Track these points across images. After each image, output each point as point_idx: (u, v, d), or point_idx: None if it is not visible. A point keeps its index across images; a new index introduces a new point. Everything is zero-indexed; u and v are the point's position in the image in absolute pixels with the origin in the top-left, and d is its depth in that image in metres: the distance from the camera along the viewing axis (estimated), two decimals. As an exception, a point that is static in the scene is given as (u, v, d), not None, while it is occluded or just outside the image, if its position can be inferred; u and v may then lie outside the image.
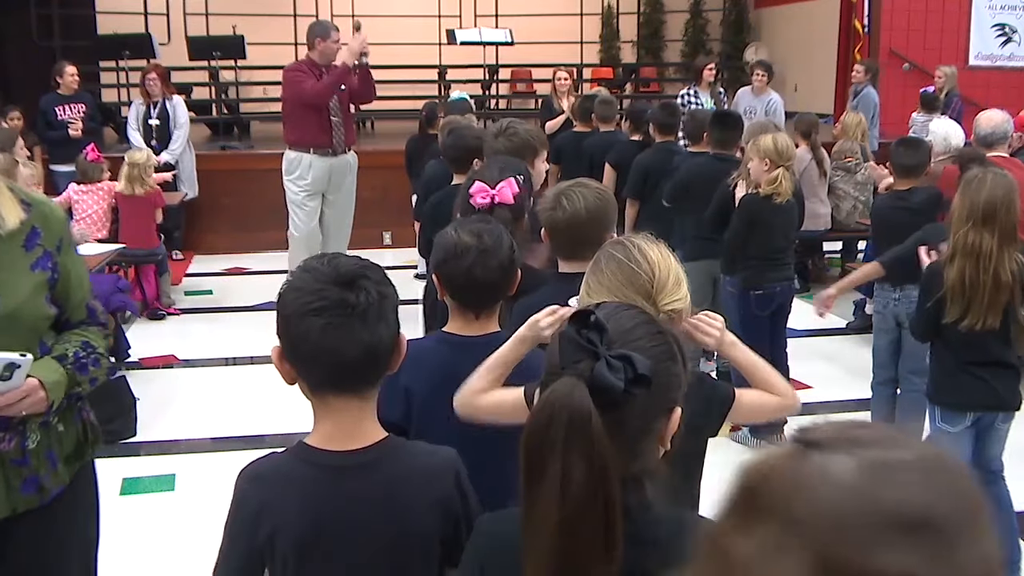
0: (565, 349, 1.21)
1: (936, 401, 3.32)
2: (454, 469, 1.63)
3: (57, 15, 11.21)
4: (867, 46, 10.43)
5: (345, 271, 1.52)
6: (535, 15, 12.09)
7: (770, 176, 4.30)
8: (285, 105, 6.56)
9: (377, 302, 1.52)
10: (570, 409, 1.14)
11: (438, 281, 2.15)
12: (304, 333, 1.50)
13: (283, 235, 8.94)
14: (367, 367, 1.55)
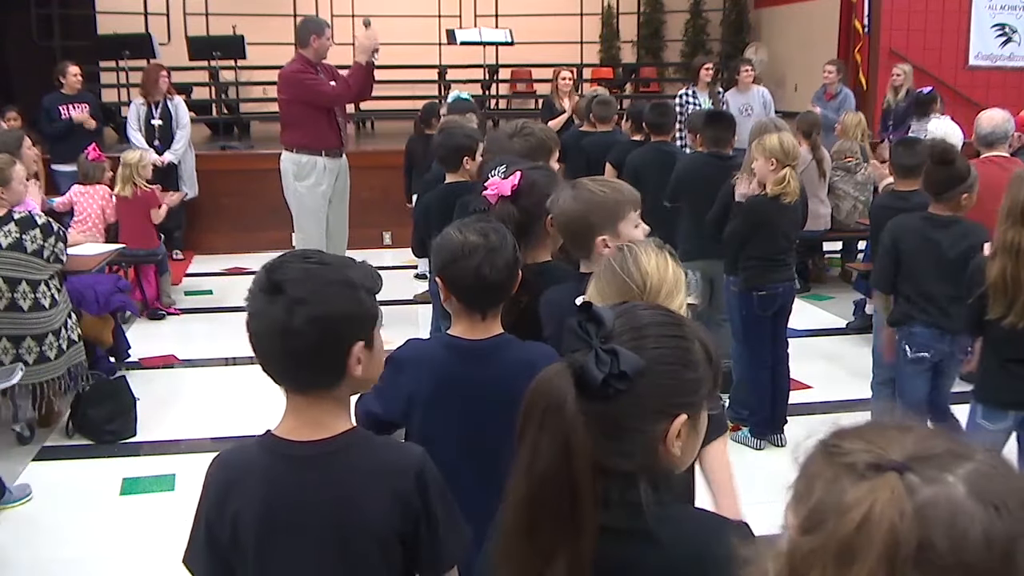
0: (568, 338, 1.25)
1: (979, 398, 3.31)
2: (417, 467, 1.60)
3: (57, 15, 11.21)
4: (867, 46, 10.43)
5: (271, 280, 1.52)
6: (535, 15, 12.09)
7: (777, 176, 4.29)
8: (291, 107, 6.25)
9: (283, 317, 1.50)
10: (549, 391, 1.20)
11: (442, 284, 2.12)
12: (251, 334, 1.55)
13: (283, 235, 8.94)
14: (298, 375, 1.57)
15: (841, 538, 0.77)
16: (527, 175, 2.59)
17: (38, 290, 4.50)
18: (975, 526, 0.75)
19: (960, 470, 0.77)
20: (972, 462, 0.79)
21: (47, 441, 4.75)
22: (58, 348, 4.55)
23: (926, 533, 0.75)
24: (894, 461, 0.78)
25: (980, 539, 0.75)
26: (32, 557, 3.67)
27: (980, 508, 0.76)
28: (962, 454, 0.80)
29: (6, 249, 4.44)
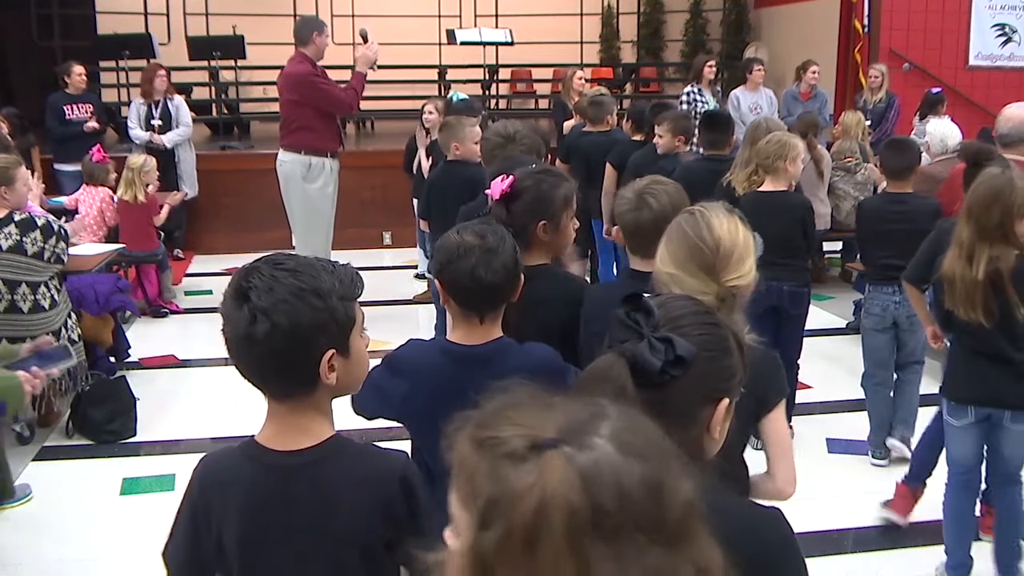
0: (613, 329, 1.25)
1: (943, 393, 3.33)
2: (400, 473, 1.58)
3: (57, 15, 11.21)
4: (867, 46, 10.43)
5: (240, 286, 1.52)
6: (535, 15, 12.08)
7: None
8: (299, 109, 6.10)
9: (247, 325, 1.50)
10: (608, 382, 1.19)
11: (440, 286, 2.11)
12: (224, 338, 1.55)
13: (283, 235, 8.94)
14: (269, 382, 1.56)
15: (522, 525, 0.78)
16: (519, 180, 2.58)
17: (38, 292, 4.50)
18: (632, 479, 0.79)
19: (604, 431, 0.81)
20: (610, 420, 0.83)
21: (47, 441, 4.75)
22: None
23: (596, 499, 0.78)
24: (549, 438, 0.80)
25: (640, 490, 0.79)
26: (32, 557, 3.68)
27: (631, 462, 0.80)
28: (600, 414, 0.84)
29: (6, 252, 4.43)
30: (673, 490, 0.82)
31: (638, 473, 0.80)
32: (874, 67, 9.02)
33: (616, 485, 0.79)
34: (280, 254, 1.59)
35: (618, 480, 0.79)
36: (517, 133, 3.57)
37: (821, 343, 5.99)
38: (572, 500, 0.78)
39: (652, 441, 0.84)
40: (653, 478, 0.81)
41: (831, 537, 3.70)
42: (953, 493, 3.38)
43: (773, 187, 4.42)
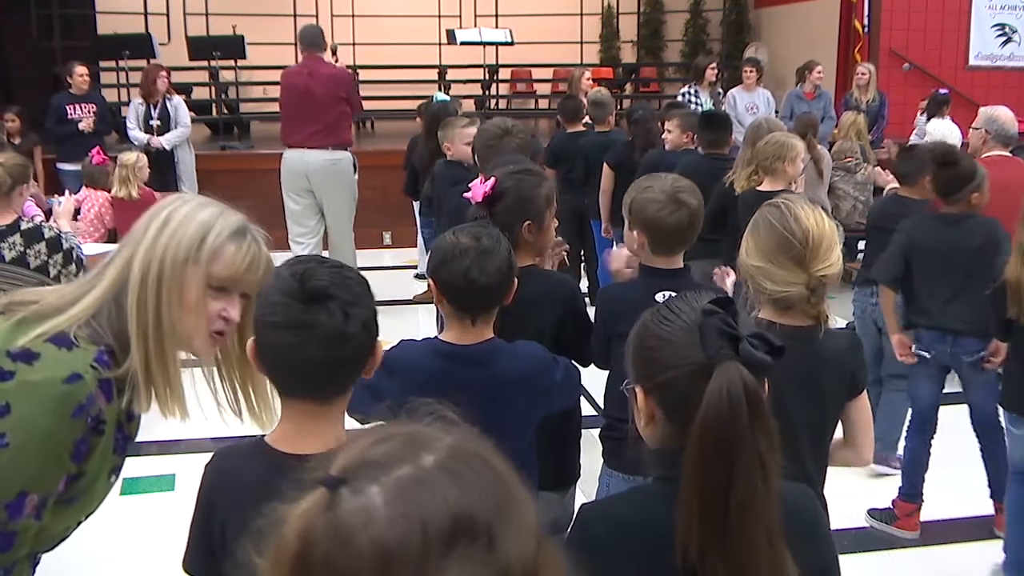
0: (709, 338, 1.25)
1: (1005, 405, 3.31)
2: None
3: (57, 15, 11.21)
4: (867, 46, 10.43)
5: (312, 287, 1.46)
6: (535, 15, 12.09)
7: None
8: (342, 106, 6.40)
9: (341, 323, 1.46)
10: (747, 391, 1.21)
11: (435, 286, 2.11)
12: (266, 343, 1.49)
13: (282, 235, 8.93)
14: (327, 381, 1.53)
15: (271, 558, 0.75)
16: (502, 180, 2.57)
17: None
18: (376, 533, 0.70)
19: (388, 478, 0.73)
20: (409, 466, 0.74)
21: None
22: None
23: (330, 548, 0.71)
24: (330, 476, 0.75)
25: (367, 550, 0.70)
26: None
27: (389, 517, 0.71)
28: (403, 458, 0.75)
29: (9, 263, 4.39)
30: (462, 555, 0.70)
31: (383, 533, 0.70)
32: (861, 65, 9.00)
33: (350, 539, 0.70)
34: (310, 256, 1.59)
35: (360, 533, 0.70)
36: (514, 127, 3.57)
37: (821, 343, 5.99)
38: (306, 543, 0.72)
39: (437, 507, 0.72)
40: (394, 543, 0.70)
41: (831, 537, 3.70)
42: (1016, 490, 3.37)
43: (772, 187, 4.43)
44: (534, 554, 0.74)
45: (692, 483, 1.22)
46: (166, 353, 1.58)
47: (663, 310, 1.34)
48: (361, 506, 0.72)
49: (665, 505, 1.27)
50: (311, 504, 0.74)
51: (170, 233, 1.59)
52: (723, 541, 1.21)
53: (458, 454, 0.76)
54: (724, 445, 1.20)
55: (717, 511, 1.21)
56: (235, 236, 1.64)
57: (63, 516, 1.64)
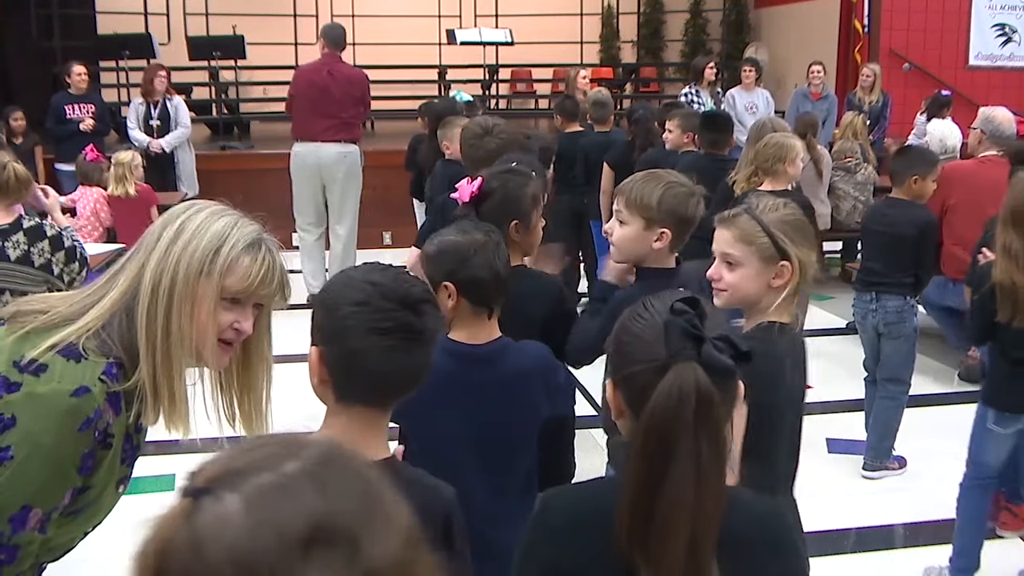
0: (672, 336, 1.26)
1: (991, 403, 3.29)
2: (445, 511, 1.55)
3: (57, 15, 11.21)
4: (867, 46, 10.43)
5: (413, 294, 1.49)
6: (535, 15, 12.09)
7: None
8: (359, 106, 6.98)
9: (435, 328, 1.51)
10: (698, 392, 1.22)
11: (454, 287, 2.08)
12: (364, 349, 1.46)
13: (283, 235, 8.87)
14: (411, 386, 1.54)
15: (133, 571, 0.74)
16: (489, 180, 2.58)
17: None
18: (229, 540, 0.70)
19: (248, 485, 0.72)
20: (271, 474, 0.73)
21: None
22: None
23: (186, 559, 0.71)
24: (195, 486, 0.75)
25: (221, 558, 0.70)
26: (32, 557, 3.68)
27: (244, 524, 0.70)
28: (266, 466, 0.74)
29: (14, 263, 4.38)
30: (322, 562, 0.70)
31: (238, 539, 0.70)
32: (866, 67, 9.01)
33: (206, 547, 0.70)
34: (376, 265, 1.56)
35: (216, 541, 0.70)
36: (495, 127, 3.57)
37: (821, 343, 5.99)
38: (165, 553, 0.72)
39: (297, 514, 0.71)
40: (249, 551, 0.70)
41: (831, 537, 3.70)
42: (975, 496, 3.37)
43: (772, 188, 4.43)
44: (403, 557, 0.74)
45: (629, 473, 1.25)
46: (173, 366, 1.56)
47: (640, 307, 1.35)
48: (219, 515, 0.71)
49: (616, 492, 1.30)
50: (172, 515, 0.74)
51: (183, 243, 1.56)
52: (646, 536, 1.23)
53: (324, 461, 0.76)
54: (663, 441, 1.22)
55: (645, 504, 1.23)
56: (250, 248, 1.62)
57: (69, 528, 1.65)
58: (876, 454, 4.31)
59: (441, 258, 2.12)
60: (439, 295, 2.12)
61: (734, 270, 2.08)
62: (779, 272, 2.03)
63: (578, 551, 1.33)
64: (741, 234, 2.06)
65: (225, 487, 0.73)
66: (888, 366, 4.25)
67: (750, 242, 2.05)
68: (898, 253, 4.12)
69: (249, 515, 0.71)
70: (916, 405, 4.53)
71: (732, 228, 2.08)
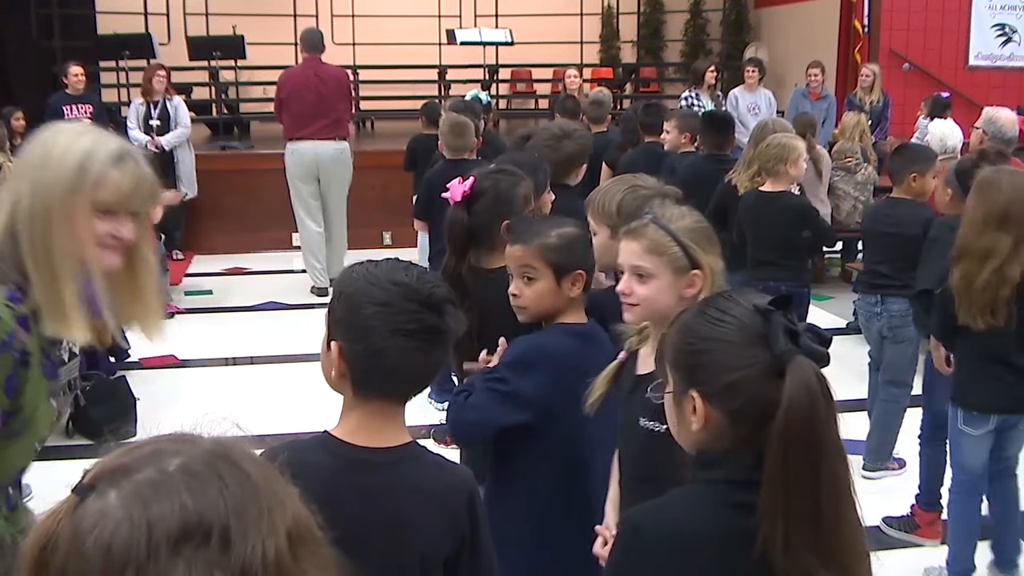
0: (777, 335, 1.27)
1: (960, 404, 3.28)
2: (468, 490, 1.60)
3: (57, 15, 11.20)
4: (867, 46, 10.43)
5: (436, 295, 1.52)
6: (535, 15, 12.08)
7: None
8: (346, 103, 7.49)
9: (456, 328, 1.54)
10: (821, 384, 1.25)
11: (585, 276, 2.24)
12: (386, 349, 1.49)
13: (283, 235, 8.94)
14: (428, 382, 1.59)
15: (19, 564, 0.77)
16: (480, 180, 2.59)
17: None
18: (102, 535, 0.73)
19: (128, 482, 0.75)
20: (152, 471, 0.76)
21: (47, 441, 4.74)
22: (58, 359, 4.50)
23: (65, 551, 0.74)
24: (82, 483, 0.77)
25: (94, 551, 0.72)
26: (32, 557, 3.68)
27: (117, 519, 0.73)
28: (149, 463, 0.77)
29: None
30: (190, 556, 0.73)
31: (111, 533, 0.72)
32: (866, 67, 9.01)
33: (84, 537, 0.73)
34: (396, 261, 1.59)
35: (92, 534, 0.73)
36: (575, 132, 3.65)
37: (821, 343, 5.99)
38: (53, 542, 0.75)
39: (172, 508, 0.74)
40: (123, 544, 0.72)
41: (831, 537, 3.69)
42: (963, 499, 3.36)
43: (774, 188, 4.43)
44: (281, 554, 0.76)
45: (777, 480, 1.23)
46: (61, 279, 1.63)
47: (709, 311, 1.34)
48: (97, 509, 0.74)
49: (714, 506, 1.30)
50: (58, 510, 0.76)
51: (53, 166, 1.64)
52: (815, 532, 1.23)
53: (208, 459, 0.78)
54: (810, 439, 1.23)
55: (807, 503, 1.23)
56: (116, 161, 1.67)
57: (16, 449, 1.73)
58: (876, 456, 4.31)
59: (572, 247, 2.23)
60: (564, 284, 2.21)
61: (646, 283, 1.93)
62: (691, 281, 1.92)
63: (676, 569, 1.32)
64: (651, 245, 1.93)
65: (108, 483, 0.76)
66: (890, 369, 4.25)
67: (661, 253, 1.93)
68: (903, 254, 4.10)
69: (124, 511, 0.73)
70: (916, 405, 4.52)
71: (641, 239, 1.95)
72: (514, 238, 2.29)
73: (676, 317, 1.41)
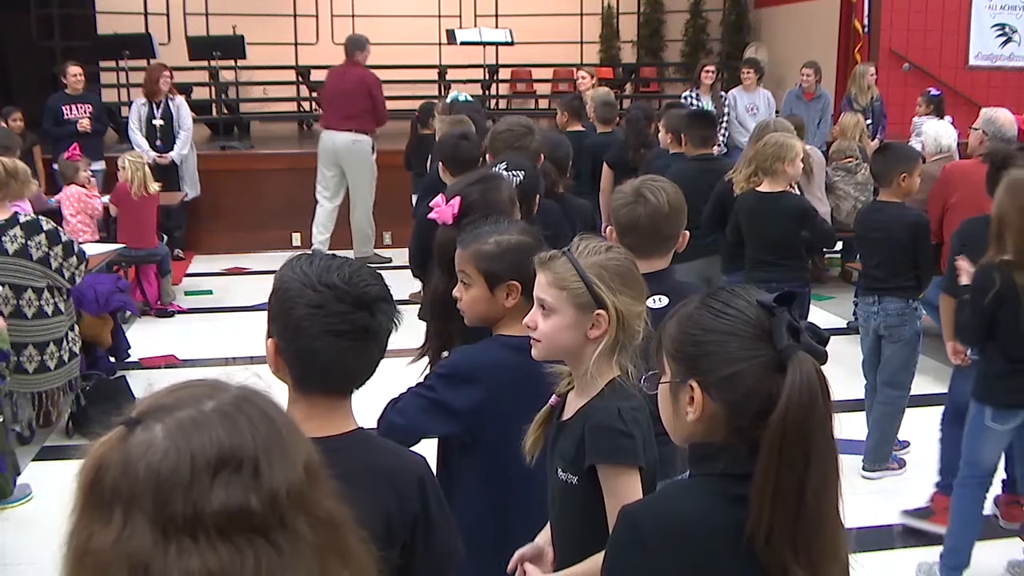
0: (780, 330, 1.29)
1: (987, 401, 3.31)
2: (418, 474, 1.60)
3: (57, 15, 11.20)
4: (867, 46, 10.43)
5: (368, 295, 1.53)
6: (535, 15, 12.08)
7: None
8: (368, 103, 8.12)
9: (391, 326, 1.56)
10: (821, 381, 1.27)
11: (518, 286, 2.13)
12: (318, 349, 1.51)
13: (283, 235, 8.95)
14: (366, 378, 1.60)
15: (75, 482, 0.90)
16: (465, 196, 2.53)
17: (42, 297, 4.45)
18: (152, 461, 0.85)
19: (171, 419, 0.88)
20: (191, 410, 0.89)
21: (47, 441, 4.75)
22: (59, 359, 4.49)
23: (117, 474, 0.86)
24: (130, 417, 0.91)
25: (144, 475, 0.85)
26: (32, 557, 3.68)
27: (164, 448, 0.86)
28: (188, 403, 0.90)
29: (12, 256, 4.39)
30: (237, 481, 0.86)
31: (160, 455, 0.85)
32: (860, 67, 9.00)
33: (139, 461, 0.86)
34: (329, 256, 1.61)
35: (145, 458, 0.85)
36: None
37: (821, 343, 5.99)
38: (103, 466, 0.87)
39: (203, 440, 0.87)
40: (168, 465, 0.85)
41: (830, 537, 3.70)
42: (969, 493, 3.39)
43: (772, 188, 4.43)
44: (300, 482, 0.90)
45: (769, 471, 1.25)
46: None
47: (715, 305, 1.35)
48: (145, 440, 0.87)
49: (711, 499, 1.31)
50: (109, 439, 0.90)
51: None
52: (794, 525, 1.25)
53: (237, 403, 0.91)
54: (805, 434, 1.25)
55: (792, 497, 1.25)
56: None
57: None
58: (875, 458, 4.31)
59: (502, 258, 2.14)
60: (498, 293, 2.14)
61: (549, 317, 1.83)
62: (595, 321, 1.79)
63: (676, 564, 1.32)
64: (555, 278, 1.82)
65: (153, 418, 0.89)
66: (887, 369, 4.24)
67: (563, 287, 1.81)
68: (894, 257, 4.11)
69: (169, 441, 0.86)
70: (915, 405, 4.53)
71: (547, 272, 1.84)
72: (459, 240, 2.25)
73: (675, 310, 1.41)
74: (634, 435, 1.75)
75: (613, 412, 1.76)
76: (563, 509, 1.85)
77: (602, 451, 1.75)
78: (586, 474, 1.77)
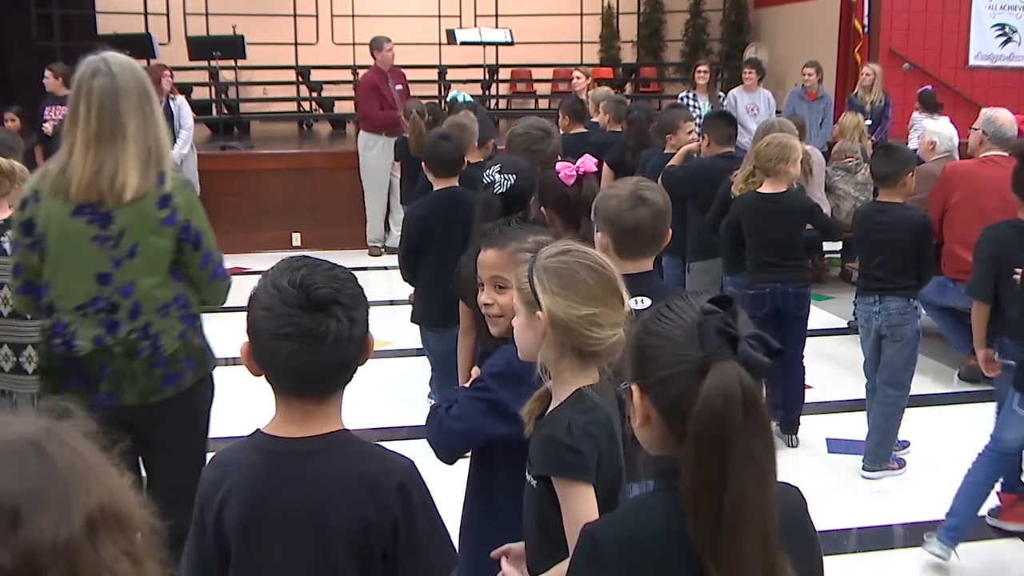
0: (708, 336, 1.24)
1: (1020, 388, 3.36)
2: (399, 479, 1.56)
3: (57, 15, 11.21)
4: (867, 46, 10.43)
5: (316, 297, 1.49)
6: (535, 15, 12.09)
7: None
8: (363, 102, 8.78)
9: (347, 328, 1.50)
10: (743, 390, 1.20)
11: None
12: (272, 351, 1.51)
13: (283, 235, 8.94)
14: (332, 381, 1.57)
15: None
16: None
17: None
18: None
19: None
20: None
21: (47, 441, 4.74)
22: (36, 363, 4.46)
23: None
24: None
25: None
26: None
27: None
28: None
29: (10, 256, 4.36)
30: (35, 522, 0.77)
31: None
32: (866, 66, 9.01)
33: None
34: (303, 257, 1.60)
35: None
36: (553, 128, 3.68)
37: (821, 343, 5.98)
38: None
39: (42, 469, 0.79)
40: None
41: (831, 537, 3.69)
42: (987, 463, 3.46)
43: (773, 188, 4.42)
44: (73, 540, 0.77)
45: (688, 482, 1.23)
46: None
47: (663, 309, 1.33)
48: None
49: (667, 515, 1.27)
50: None
51: None
52: (715, 542, 1.21)
53: (18, 443, 0.81)
54: (718, 444, 1.20)
55: (711, 511, 1.21)
56: None
57: None
58: (875, 458, 4.30)
59: None
60: None
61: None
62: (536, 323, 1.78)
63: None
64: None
65: None
66: (888, 368, 4.24)
67: (519, 287, 1.84)
68: (898, 257, 4.10)
69: None
70: (916, 405, 4.53)
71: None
72: (487, 243, 2.19)
73: (641, 315, 1.40)
74: (582, 450, 1.70)
75: (563, 426, 1.72)
76: (527, 509, 1.84)
77: (548, 464, 1.73)
78: (543, 480, 1.75)
